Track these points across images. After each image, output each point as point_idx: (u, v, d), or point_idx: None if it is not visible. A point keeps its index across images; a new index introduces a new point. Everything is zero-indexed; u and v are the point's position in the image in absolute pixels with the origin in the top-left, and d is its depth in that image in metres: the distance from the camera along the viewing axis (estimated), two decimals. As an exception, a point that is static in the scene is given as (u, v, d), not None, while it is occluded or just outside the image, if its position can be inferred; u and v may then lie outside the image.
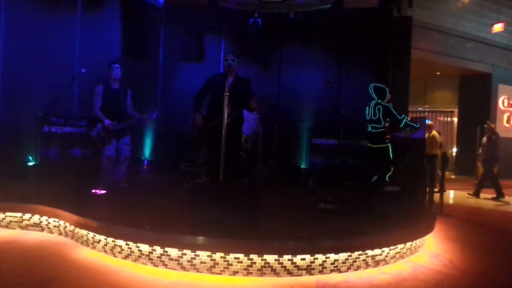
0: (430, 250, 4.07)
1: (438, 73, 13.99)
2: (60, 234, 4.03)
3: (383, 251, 3.51)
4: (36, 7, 6.66)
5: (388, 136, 5.53)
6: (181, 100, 7.55)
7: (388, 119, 5.56)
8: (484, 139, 8.61)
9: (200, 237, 3.14)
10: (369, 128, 5.63)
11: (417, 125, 5.72)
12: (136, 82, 5.96)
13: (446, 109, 14.83)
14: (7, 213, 4.16)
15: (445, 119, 14.98)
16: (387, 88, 5.68)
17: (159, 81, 8.54)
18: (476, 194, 8.29)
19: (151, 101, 8.14)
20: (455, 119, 14.43)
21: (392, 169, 5.54)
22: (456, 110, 14.32)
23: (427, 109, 15.15)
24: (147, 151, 8.39)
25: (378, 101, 5.54)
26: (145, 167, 8.25)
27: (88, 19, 7.27)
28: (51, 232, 4.09)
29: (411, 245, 3.80)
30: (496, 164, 8.27)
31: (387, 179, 5.46)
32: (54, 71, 6.47)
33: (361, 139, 7.31)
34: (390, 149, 5.53)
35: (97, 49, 7.08)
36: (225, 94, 3.98)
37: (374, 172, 5.70)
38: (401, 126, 5.58)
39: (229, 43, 8.74)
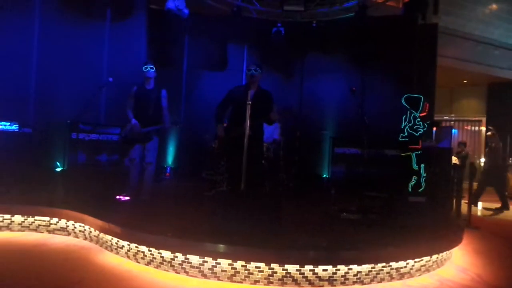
0: (457, 264, 3.94)
1: (465, 81, 13.65)
2: (85, 238, 4.12)
3: (407, 264, 3.41)
4: (68, 17, 6.92)
5: (414, 147, 5.43)
6: (204, 108, 7.63)
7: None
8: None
9: (221, 245, 3.15)
10: (401, 137, 5.56)
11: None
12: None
13: (473, 118, 14.42)
14: (36, 217, 4.30)
15: (472, 128, 14.56)
16: (421, 97, 5.59)
17: (183, 89, 8.68)
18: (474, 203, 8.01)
19: (175, 109, 8.27)
20: (483, 128, 14.01)
21: (415, 179, 5.41)
22: (484, 119, 13.90)
23: (453, 118, 14.78)
24: (169, 159, 8.51)
25: (412, 111, 5.48)
26: (167, 174, 8.37)
27: (116, 29, 7.49)
28: (77, 237, 4.19)
29: (437, 257, 3.69)
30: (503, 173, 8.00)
31: (410, 189, 5.34)
32: (83, 80, 6.68)
33: (385, 148, 7.20)
34: (414, 159, 5.42)
35: (124, 59, 7.27)
36: (248, 103, 4.00)
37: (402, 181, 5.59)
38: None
39: (252, 52, 8.83)
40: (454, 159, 8.08)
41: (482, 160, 13.54)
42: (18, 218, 4.29)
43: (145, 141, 5.02)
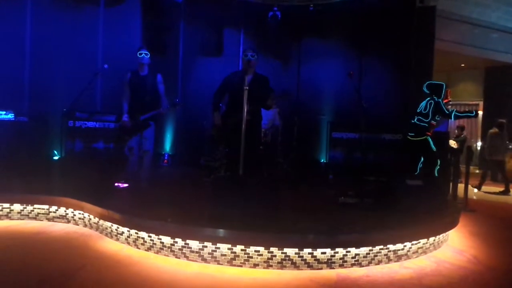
0: (454, 246, 3.99)
1: (462, 65, 13.59)
2: (85, 226, 4.14)
3: (405, 246, 3.46)
4: (60, 4, 6.81)
5: (428, 133, 5.49)
6: (200, 94, 7.60)
7: (437, 116, 5.54)
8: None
9: (221, 230, 3.17)
10: (415, 120, 5.59)
11: (473, 113, 5.63)
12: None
13: (470, 102, 14.41)
14: (35, 205, 4.31)
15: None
16: (443, 84, 5.63)
17: (179, 75, 8.60)
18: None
19: (171, 95, 8.21)
20: (480, 112, 14.02)
21: (439, 163, 5.47)
22: (481, 103, 13.91)
23: (450, 102, 14.77)
24: (167, 146, 8.50)
25: (434, 97, 5.51)
26: (165, 161, 8.36)
27: (110, 15, 7.39)
28: (77, 224, 4.21)
29: (434, 240, 3.74)
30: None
31: (436, 174, 5.40)
32: (77, 67, 6.62)
33: (383, 132, 7.21)
34: (431, 142, 5.49)
35: (119, 45, 7.20)
36: (245, 88, 3.98)
37: (411, 165, 5.65)
38: (453, 119, 5.54)
39: (248, 37, 8.72)
40: (453, 143, 8.12)
41: (479, 144, 13.63)
42: (17, 207, 4.29)
43: (143, 129, 4.99)
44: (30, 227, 4.08)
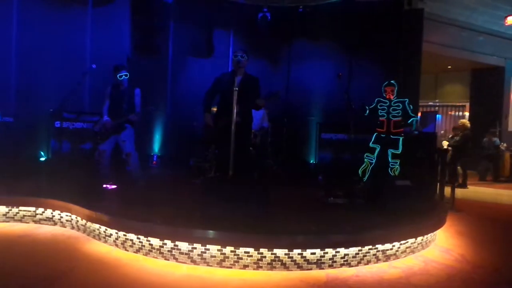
0: (441, 245, 4.04)
1: (449, 67, 13.78)
2: (73, 228, 4.08)
3: (393, 246, 3.49)
4: (47, 3, 6.72)
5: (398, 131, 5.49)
6: (190, 95, 7.57)
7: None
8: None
9: (210, 231, 3.16)
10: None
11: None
12: (145, 78, 5.99)
13: (457, 103, 14.63)
14: (21, 207, 4.23)
15: (456, 113, 14.78)
16: (387, 83, 5.67)
17: (169, 76, 8.56)
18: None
19: (161, 96, 8.17)
20: (467, 114, 14.24)
21: (398, 163, 5.50)
22: (467, 104, 14.12)
23: (437, 104, 14.96)
24: (156, 147, 8.44)
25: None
26: (154, 162, 8.30)
27: (99, 15, 7.31)
28: (64, 226, 4.15)
29: (422, 239, 3.77)
30: None
31: (395, 174, 5.42)
32: (65, 67, 6.53)
33: (372, 133, 7.25)
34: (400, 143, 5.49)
35: (108, 45, 7.12)
36: (234, 89, 3.98)
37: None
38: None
39: (238, 38, 8.73)
40: (445, 143, 8.25)
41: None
42: (2, 209, 4.21)
43: (118, 131, 5.08)
44: (16, 230, 4.00)
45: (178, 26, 8.48)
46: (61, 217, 4.17)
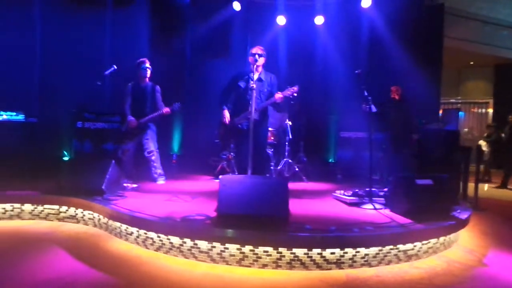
0: (464, 245, 3.95)
1: (471, 62, 13.44)
2: (95, 226, 4.17)
3: (415, 246, 3.42)
4: (69, 6, 6.87)
5: None
6: (208, 95, 7.61)
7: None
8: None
9: (230, 230, 3.17)
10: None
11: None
12: (163, 78, 6.04)
13: (480, 100, 14.25)
14: (45, 206, 4.35)
15: (480, 110, 14.40)
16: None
17: (186, 76, 8.62)
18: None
19: (179, 97, 8.23)
20: (490, 111, 13.85)
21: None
22: (491, 101, 13.74)
23: (460, 101, 14.61)
24: (176, 146, 8.52)
25: None
26: (174, 161, 8.38)
27: (118, 16, 7.44)
28: (86, 224, 4.24)
29: (444, 239, 3.69)
30: None
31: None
32: (86, 68, 6.66)
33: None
34: None
35: (127, 46, 7.24)
36: (251, 86, 3.98)
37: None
38: None
39: (255, 36, 8.72)
40: (484, 144, 8.11)
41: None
42: (28, 207, 4.34)
43: (143, 131, 5.23)
44: (41, 227, 4.12)
45: (195, 26, 8.53)
46: (84, 215, 4.26)
